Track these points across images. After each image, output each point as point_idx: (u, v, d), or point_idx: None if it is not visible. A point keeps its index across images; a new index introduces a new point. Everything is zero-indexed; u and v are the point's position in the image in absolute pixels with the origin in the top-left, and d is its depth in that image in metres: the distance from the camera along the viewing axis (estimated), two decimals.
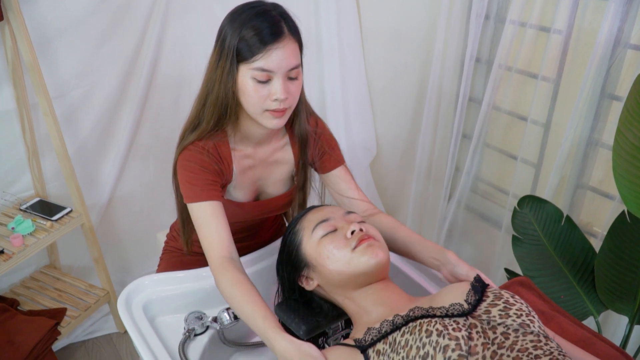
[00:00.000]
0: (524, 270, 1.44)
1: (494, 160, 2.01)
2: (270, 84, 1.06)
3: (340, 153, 1.29)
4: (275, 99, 1.07)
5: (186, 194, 1.15)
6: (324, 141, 1.27)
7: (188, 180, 1.14)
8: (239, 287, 1.01)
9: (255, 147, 1.22)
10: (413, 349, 0.77)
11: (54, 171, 1.91)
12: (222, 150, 1.17)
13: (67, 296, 1.94)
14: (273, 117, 1.10)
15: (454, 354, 0.74)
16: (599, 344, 1.00)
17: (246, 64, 1.05)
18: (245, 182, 1.24)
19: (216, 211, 1.12)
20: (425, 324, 0.79)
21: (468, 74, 1.91)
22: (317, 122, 1.28)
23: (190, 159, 1.15)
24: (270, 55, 1.04)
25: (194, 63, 2.01)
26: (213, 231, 1.10)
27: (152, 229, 2.13)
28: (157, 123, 2.05)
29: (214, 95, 1.10)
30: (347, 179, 1.28)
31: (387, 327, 0.85)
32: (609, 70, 1.56)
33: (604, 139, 1.64)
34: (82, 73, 1.84)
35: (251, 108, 1.09)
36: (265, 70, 1.04)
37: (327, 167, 1.28)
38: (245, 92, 1.07)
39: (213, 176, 1.15)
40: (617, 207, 1.57)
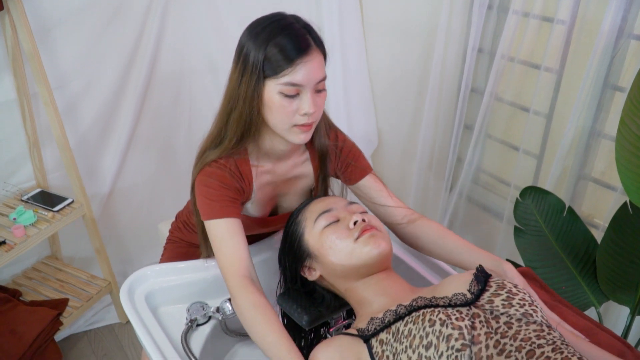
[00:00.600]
0: (526, 261, 1.44)
1: (495, 152, 2.00)
2: (299, 98, 1.03)
3: (365, 162, 1.25)
4: (304, 114, 1.03)
5: (204, 211, 1.10)
6: (346, 153, 1.24)
7: (207, 196, 1.09)
8: (260, 312, 0.97)
9: (275, 163, 1.18)
10: (416, 339, 0.77)
11: (54, 162, 1.91)
12: (243, 167, 1.13)
13: (69, 287, 1.94)
14: (301, 132, 1.06)
15: (457, 343, 0.74)
16: (601, 334, 1.00)
17: (273, 79, 1.01)
18: (264, 198, 1.20)
19: (235, 229, 1.07)
20: (429, 313, 0.79)
21: (470, 65, 1.90)
22: (337, 134, 1.24)
23: (210, 175, 1.10)
24: (299, 70, 1.00)
25: (195, 54, 2.00)
26: (231, 249, 1.05)
27: (153, 220, 2.13)
28: (158, 114, 2.05)
29: (238, 112, 1.06)
30: (378, 187, 1.23)
31: (390, 317, 0.85)
32: (612, 61, 1.55)
33: (606, 130, 1.64)
34: (83, 64, 1.83)
35: (279, 124, 1.06)
36: (295, 85, 1.01)
37: (354, 179, 1.24)
38: (273, 108, 1.04)
39: (233, 193, 1.11)
40: (619, 198, 1.57)
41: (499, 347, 0.75)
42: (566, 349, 0.76)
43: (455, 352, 0.74)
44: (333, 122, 1.25)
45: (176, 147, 2.13)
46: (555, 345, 0.75)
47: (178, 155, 2.14)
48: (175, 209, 2.16)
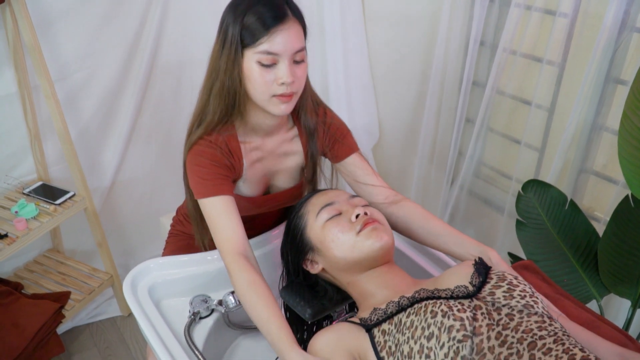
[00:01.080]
0: (528, 255, 1.45)
1: (497, 145, 2.00)
2: (276, 67, 1.05)
3: (352, 140, 1.26)
4: (282, 83, 1.05)
5: (197, 190, 1.12)
6: (334, 130, 1.25)
7: (199, 175, 1.11)
8: (255, 288, 0.99)
9: (263, 139, 1.20)
10: (418, 330, 0.78)
11: (56, 155, 1.90)
12: (232, 144, 1.15)
13: (70, 280, 1.94)
14: (280, 103, 1.08)
15: (458, 334, 0.75)
16: (603, 327, 1.00)
17: (251, 49, 1.03)
18: (255, 175, 1.22)
19: (228, 206, 1.09)
20: (431, 305, 0.80)
21: (472, 58, 1.89)
22: (325, 111, 1.25)
23: (200, 154, 1.12)
24: (275, 38, 1.02)
25: (196, 45, 1.99)
26: (226, 226, 1.07)
27: (155, 213, 2.14)
28: (159, 107, 2.05)
29: (219, 85, 1.08)
30: (363, 166, 1.24)
31: (392, 308, 0.85)
32: (615, 54, 1.55)
33: (608, 123, 1.64)
34: (84, 56, 1.82)
35: (258, 94, 1.07)
36: (271, 53, 1.03)
37: (340, 156, 1.25)
38: (251, 78, 1.06)
39: (225, 171, 1.13)
40: (621, 191, 1.57)
41: (501, 339, 0.76)
42: (567, 340, 0.76)
43: (457, 343, 0.74)
44: (321, 100, 1.26)
45: (177, 139, 2.12)
46: (556, 337, 0.76)
47: (179, 147, 2.10)
48: (177, 201, 2.16)
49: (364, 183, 1.23)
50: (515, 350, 0.74)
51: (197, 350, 1.11)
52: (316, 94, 1.24)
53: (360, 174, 1.24)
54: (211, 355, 1.17)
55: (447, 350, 0.74)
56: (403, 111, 2.28)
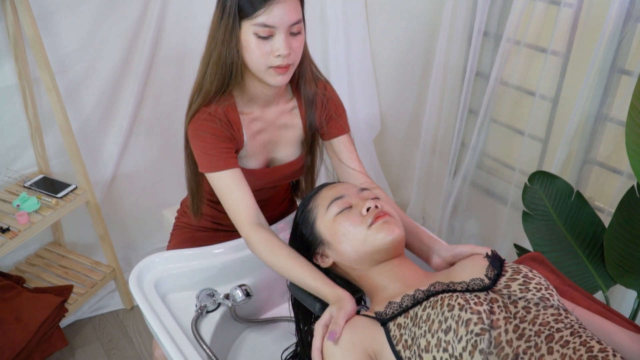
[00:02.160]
0: (534, 246, 1.44)
1: (500, 136, 2.00)
2: (273, 39, 1.07)
3: (346, 121, 1.29)
4: (278, 55, 1.07)
5: (203, 164, 1.15)
6: (332, 106, 1.27)
7: (203, 150, 1.14)
8: (278, 251, 1.04)
9: (262, 109, 1.22)
10: (435, 323, 0.77)
11: (56, 148, 1.89)
12: (231, 115, 1.17)
13: (72, 273, 1.93)
14: (277, 74, 1.10)
15: (476, 327, 0.75)
16: (613, 318, 1.00)
17: (248, 20, 1.05)
18: (256, 147, 1.24)
19: (237, 178, 1.14)
20: (447, 298, 0.79)
21: (476, 48, 1.88)
22: (325, 86, 1.28)
23: (201, 127, 1.15)
24: (272, 10, 1.04)
25: (197, 36, 1.97)
26: (237, 199, 1.12)
27: (156, 206, 2.13)
28: (160, 98, 2.03)
29: (217, 55, 1.10)
30: (350, 149, 1.28)
31: (408, 302, 0.85)
32: (620, 45, 1.54)
33: (612, 113, 1.63)
34: (84, 48, 1.80)
35: (255, 65, 1.10)
36: (267, 26, 1.05)
37: (332, 133, 1.28)
38: (249, 49, 1.08)
39: (227, 143, 1.15)
40: (625, 182, 1.57)
41: (518, 332, 0.75)
42: (584, 333, 0.76)
43: (475, 337, 0.74)
44: (322, 74, 1.28)
45: (179, 131, 2.08)
46: (573, 329, 0.76)
47: (180, 138, 2.10)
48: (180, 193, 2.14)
49: (347, 165, 1.27)
50: (534, 343, 0.74)
51: (205, 344, 1.11)
52: (316, 66, 1.26)
53: (345, 157, 1.27)
54: (218, 349, 1.17)
55: (465, 343, 0.74)
56: (405, 102, 2.27)
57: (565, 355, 0.72)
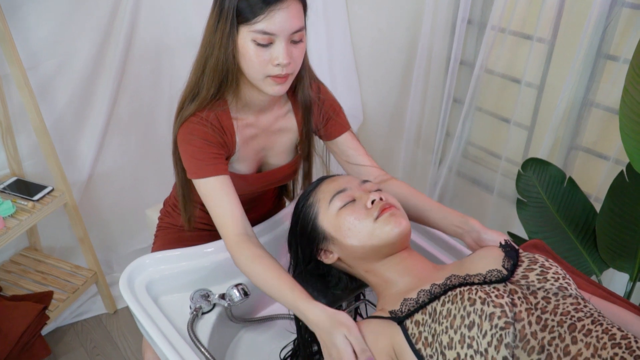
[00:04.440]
0: (529, 233, 1.44)
1: (485, 125, 1.99)
2: (272, 47, 1.00)
3: (345, 118, 1.25)
4: (277, 64, 1.01)
5: (191, 170, 1.09)
6: (327, 107, 1.23)
7: (192, 155, 1.08)
8: (259, 261, 0.99)
9: (257, 115, 1.17)
10: (457, 319, 0.75)
11: (29, 148, 1.80)
12: (224, 120, 1.11)
13: (52, 278, 1.85)
14: (275, 84, 1.04)
15: (500, 321, 0.72)
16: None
17: (247, 26, 0.98)
18: (248, 153, 1.19)
19: (225, 186, 1.08)
20: (467, 292, 0.77)
21: (460, 36, 1.87)
22: (319, 87, 1.23)
23: (192, 132, 1.09)
24: (273, 16, 0.97)
25: (174, 28, 1.90)
26: (224, 207, 1.06)
27: (137, 205, 2.06)
28: (137, 94, 1.95)
29: (214, 60, 1.04)
30: (355, 145, 1.24)
31: (424, 297, 0.82)
32: (605, 30, 1.55)
33: (597, 99, 1.64)
34: (54, 42, 1.71)
35: (252, 73, 1.04)
36: (267, 33, 0.98)
37: (333, 134, 1.23)
38: (246, 57, 1.01)
39: (217, 149, 1.10)
40: (612, 167, 1.58)
41: (541, 323, 0.74)
42: (604, 320, 0.75)
43: (500, 331, 0.72)
44: (316, 75, 1.23)
45: (157, 127, 2.04)
46: (593, 318, 0.75)
47: (159, 135, 2.05)
48: (160, 191, 2.08)
49: (354, 163, 1.23)
50: (557, 334, 0.72)
51: (203, 347, 1.07)
52: (312, 70, 1.21)
53: (351, 154, 1.24)
54: (215, 351, 1.14)
55: (490, 338, 0.72)
56: (388, 93, 2.24)
57: (589, 344, 0.71)
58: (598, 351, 0.70)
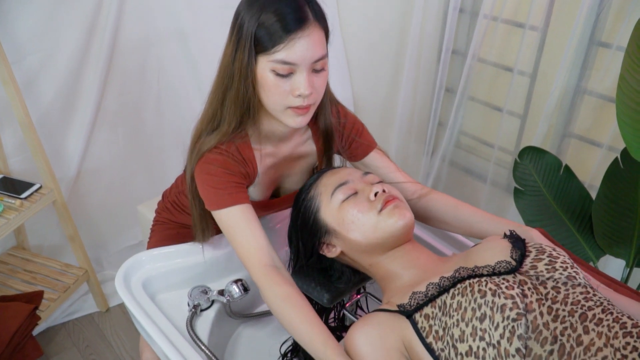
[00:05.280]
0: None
1: (478, 114, 1.99)
2: (293, 77, 0.94)
3: (370, 136, 1.19)
4: (298, 95, 0.94)
5: (211, 201, 1.02)
6: (349, 129, 1.16)
7: (212, 185, 1.01)
8: (290, 302, 0.92)
9: (277, 145, 1.11)
10: (468, 311, 0.74)
11: (15, 145, 1.75)
12: (245, 151, 1.05)
13: (41, 278, 1.81)
14: (296, 115, 0.98)
15: (512, 312, 0.72)
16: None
17: (266, 55, 0.92)
18: (266, 181, 1.13)
19: (248, 215, 1.00)
20: (476, 284, 0.76)
21: (451, 26, 1.86)
22: (338, 109, 1.16)
23: (212, 162, 1.02)
24: (294, 45, 0.91)
25: (161, 20, 1.86)
26: (249, 238, 0.99)
27: (126, 202, 2.02)
28: (124, 88, 1.91)
29: (234, 92, 0.97)
30: (385, 163, 1.17)
31: (433, 290, 0.81)
32: (598, 17, 1.55)
33: (590, 86, 1.65)
34: (39, 36, 1.66)
35: (272, 105, 0.98)
36: (288, 63, 0.92)
37: (359, 155, 1.18)
38: (265, 87, 0.95)
39: (239, 178, 1.03)
40: (605, 154, 1.59)
41: (553, 313, 0.73)
42: (614, 309, 0.75)
43: (512, 322, 0.71)
44: (336, 98, 1.16)
45: (145, 122, 2.01)
46: (603, 307, 0.74)
47: (148, 130, 2.02)
48: (151, 187, 2.05)
49: (389, 182, 1.15)
50: (569, 324, 0.72)
51: (204, 345, 1.05)
52: (332, 93, 1.14)
53: (383, 172, 1.16)
54: (214, 347, 1.12)
55: (503, 330, 0.71)
56: (379, 83, 2.23)
57: (601, 333, 0.70)
58: (610, 340, 0.69)
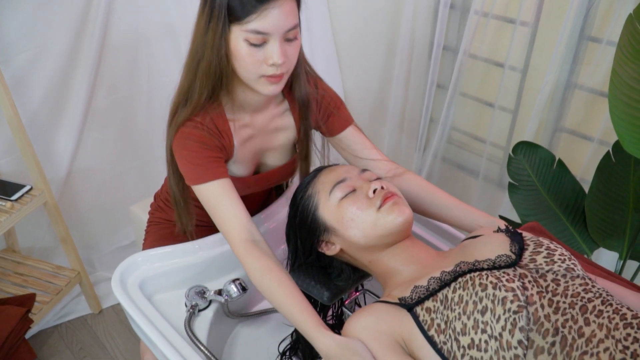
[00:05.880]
0: (521, 216, 1.46)
1: (469, 109, 2.00)
2: (266, 47, 0.96)
3: (347, 112, 1.20)
4: (271, 64, 0.96)
5: (190, 176, 1.04)
6: (327, 102, 1.18)
7: (189, 161, 1.04)
8: (269, 275, 0.95)
9: (252, 115, 1.12)
10: (469, 305, 0.74)
11: (3, 146, 1.72)
12: (220, 123, 1.07)
13: (33, 280, 1.79)
14: (269, 84, 1.00)
15: (513, 305, 0.72)
16: (617, 281, 1.02)
17: (239, 25, 0.94)
18: (246, 155, 1.14)
19: (227, 189, 1.03)
20: (477, 277, 0.77)
21: (442, 21, 1.86)
22: (316, 82, 1.18)
23: (188, 137, 1.04)
24: (267, 15, 0.92)
25: (150, 18, 1.84)
26: (228, 212, 1.02)
27: (117, 202, 2.00)
28: (114, 87, 1.89)
29: (206, 63, 0.99)
30: (361, 139, 1.19)
31: (434, 284, 0.81)
32: (588, 12, 1.56)
33: (580, 81, 1.66)
34: (27, 35, 1.64)
35: (245, 74, 1.00)
36: (261, 33, 0.93)
37: (336, 130, 1.19)
38: (239, 57, 0.97)
39: (216, 152, 1.05)
40: (597, 148, 1.61)
41: (553, 306, 0.74)
42: (613, 300, 0.76)
43: (513, 315, 0.72)
44: (314, 70, 1.18)
45: (136, 121, 1.99)
46: (602, 298, 0.75)
47: (138, 128, 2.00)
48: (142, 188, 2.03)
49: (363, 158, 1.18)
50: (570, 316, 0.72)
51: (203, 346, 1.05)
52: (309, 65, 1.16)
53: (358, 148, 1.19)
54: (213, 347, 1.11)
55: (504, 322, 0.72)
56: (370, 80, 2.23)
57: (602, 325, 0.71)
58: (611, 332, 0.70)
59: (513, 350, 0.71)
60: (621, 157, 1.39)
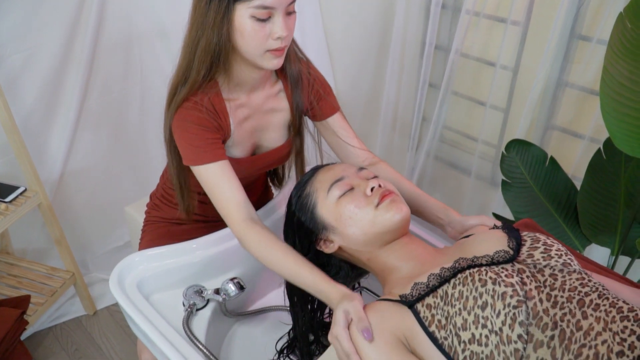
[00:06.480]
0: (514, 213, 1.47)
1: (462, 108, 2.02)
2: (271, 21, 0.99)
3: (335, 99, 1.25)
4: (277, 37, 1.00)
5: (188, 157, 1.08)
6: (319, 85, 1.22)
7: (188, 142, 1.07)
8: (272, 246, 1.00)
9: (248, 94, 1.16)
10: (470, 300, 0.76)
11: None
12: (217, 103, 1.10)
13: (27, 282, 1.78)
14: (274, 57, 1.04)
15: (512, 300, 0.74)
16: (611, 276, 1.04)
17: (244, 3, 0.97)
18: (243, 135, 1.17)
19: (225, 171, 1.07)
20: (476, 273, 0.78)
21: (434, 21, 1.88)
22: (308, 64, 1.23)
23: (186, 118, 1.07)
24: None
25: (143, 18, 1.84)
26: (227, 193, 1.06)
27: (112, 203, 2.00)
28: (107, 87, 1.88)
29: (205, 41, 1.01)
30: (346, 126, 1.25)
31: (434, 281, 0.82)
32: (578, 11, 1.58)
33: (571, 79, 1.68)
34: (20, 36, 1.63)
35: (252, 50, 1.02)
36: (267, 7, 0.97)
37: (324, 114, 1.24)
38: (244, 34, 1.00)
39: (214, 134, 1.08)
40: (588, 145, 1.63)
41: (552, 300, 0.75)
42: (609, 294, 0.77)
43: (513, 309, 0.73)
44: (304, 54, 1.22)
45: (129, 121, 1.98)
46: (599, 292, 0.77)
47: (132, 129, 1.99)
48: (136, 187, 2.03)
49: (347, 143, 1.24)
50: (568, 310, 0.74)
51: (201, 344, 1.05)
52: (297, 43, 1.19)
53: (342, 134, 1.24)
54: (211, 346, 1.12)
55: (504, 317, 0.73)
56: (362, 79, 2.24)
57: (599, 318, 0.72)
58: (609, 325, 0.72)
59: (513, 344, 0.72)
60: (612, 154, 1.41)
